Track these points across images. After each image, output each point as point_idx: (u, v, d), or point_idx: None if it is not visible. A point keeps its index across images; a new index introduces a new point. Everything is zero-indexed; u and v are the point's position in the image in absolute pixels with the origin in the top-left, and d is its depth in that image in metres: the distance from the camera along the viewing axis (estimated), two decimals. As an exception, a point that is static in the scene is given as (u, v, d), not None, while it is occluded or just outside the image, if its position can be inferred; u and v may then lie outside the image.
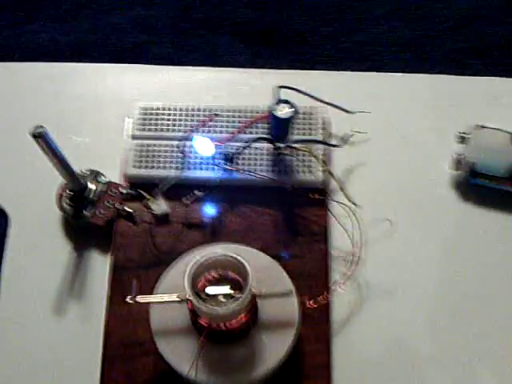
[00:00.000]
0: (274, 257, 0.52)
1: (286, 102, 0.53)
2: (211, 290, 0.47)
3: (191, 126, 0.58)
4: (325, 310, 0.54)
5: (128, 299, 0.48)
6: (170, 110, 0.59)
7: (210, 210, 0.57)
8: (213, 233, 0.56)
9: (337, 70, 0.67)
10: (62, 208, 0.57)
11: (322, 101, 0.59)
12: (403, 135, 0.62)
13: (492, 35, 0.83)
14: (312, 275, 0.55)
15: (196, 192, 0.55)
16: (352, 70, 0.68)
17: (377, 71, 0.67)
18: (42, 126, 0.48)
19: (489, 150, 0.58)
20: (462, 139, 0.59)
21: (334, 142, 0.60)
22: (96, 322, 0.54)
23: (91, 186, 0.57)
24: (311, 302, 0.53)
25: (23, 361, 0.54)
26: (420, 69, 0.67)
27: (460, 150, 0.59)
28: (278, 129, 0.54)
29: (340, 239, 0.56)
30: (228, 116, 0.59)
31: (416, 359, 0.54)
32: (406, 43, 0.82)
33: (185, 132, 0.58)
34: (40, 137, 0.48)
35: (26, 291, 0.56)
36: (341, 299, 0.55)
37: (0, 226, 0.58)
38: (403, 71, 0.67)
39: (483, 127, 0.59)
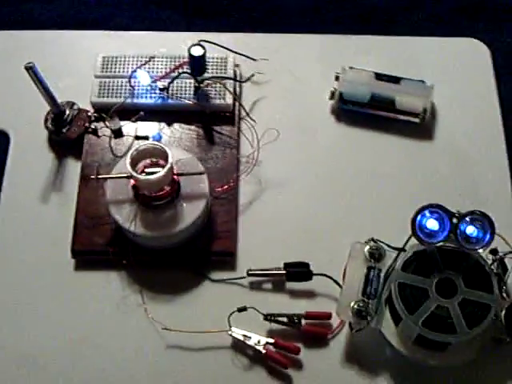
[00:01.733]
0: (198, 159, 0.74)
1: (199, 45, 0.75)
2: (148, 170, 0.69)
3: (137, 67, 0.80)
4: (233, 194, 0.76)
5: (92, 177, 0.71)
6: (121, 57, 0.81)
7: (151, 127, 0.79)
8: (154, 143, 0.78)
9: (249, 33, 0.88)
10: (47, 128, 0.79)
11: (233, 51, 0.82)
12: (296, 77, 0.84)
13: (370, 5, 1.08)
14: (225, 171, 0.77)
15: (140, 113, 0.78)
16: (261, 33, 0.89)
17: (281, 33, 0.89)
18: (31, 62, 0.70)
19: (353, 83, 0.81)
20: (337, 77, 0.82)
21: (242, 79, 0.82)
22: (71, 204, 0.75)
23: (68, 111, 0.79)
24: (222, 187, 0.75)
25: (22, 234, 0.76)
26: (315, 30, 0.87)
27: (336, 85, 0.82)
28: (195, 64, 0.76)
29: (244, 147, 0.78)
30: (163, 60, 0.81)
31: (294, 221, 0.77)
32: (303, 10, 1.06)
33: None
34: (30, 69, 0.70)
35: (23, 187, 0.78)
36: (246, 189, 0.78)
37: (3, 143, 0.81)
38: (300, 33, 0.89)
39: (351, 68, 0.82)
